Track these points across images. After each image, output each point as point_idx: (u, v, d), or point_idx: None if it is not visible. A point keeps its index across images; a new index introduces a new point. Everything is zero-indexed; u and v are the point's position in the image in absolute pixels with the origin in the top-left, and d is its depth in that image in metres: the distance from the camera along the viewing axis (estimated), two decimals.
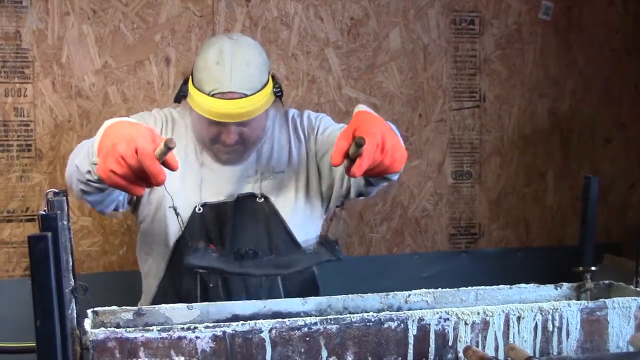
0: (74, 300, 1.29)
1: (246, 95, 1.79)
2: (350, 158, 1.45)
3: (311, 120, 2.00)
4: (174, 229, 1.88)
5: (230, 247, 1.86)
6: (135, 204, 1.92)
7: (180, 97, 1.87)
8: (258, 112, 1.82)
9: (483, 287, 1.60)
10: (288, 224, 1.93)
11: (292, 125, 2.00)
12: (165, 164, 1.38)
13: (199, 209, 1.88)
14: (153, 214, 1.91)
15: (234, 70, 1.79)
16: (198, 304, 1.47)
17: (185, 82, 1.87)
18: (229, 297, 1.83)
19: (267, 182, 1.93)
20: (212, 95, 1.78)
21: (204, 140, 1.88)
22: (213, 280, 1.86)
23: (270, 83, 1.87)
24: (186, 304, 1.46)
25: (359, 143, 1.40)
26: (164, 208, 1.88)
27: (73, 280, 1.31)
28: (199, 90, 1.80)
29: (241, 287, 1.87)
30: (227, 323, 1.28)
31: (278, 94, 1.88)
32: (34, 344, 1.17)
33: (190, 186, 1.90)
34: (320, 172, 1.96)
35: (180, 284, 1.89)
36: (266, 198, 1.91)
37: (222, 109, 1.77)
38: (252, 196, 1.91)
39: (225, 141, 1.84)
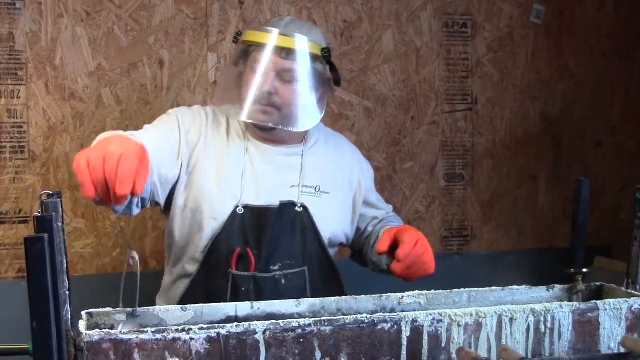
0: (68, 301, 1.30)
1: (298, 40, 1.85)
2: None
3: (366, 167, 2.11)
4: (211, 228, 1.85)
5: (267, 254, 1.85)
6: (168, 201, 1.87)
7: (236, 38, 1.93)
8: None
9: (476, 289, 1.61)
10: (323, 238, 1.92)
11: (346, 151, 2.06)
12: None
13: (240, 210, 1.85)
14: (188, 213, 1.86)
15: (288, 24, 1.88)
16: (192, 305, 1.47)
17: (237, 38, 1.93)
18: (259, 299, 1.81)
19: (307, 197, 1.91)
20: (266, 31, 1.85)
21: (244, 98, 1.84)
22: (246, 284, 1.84)
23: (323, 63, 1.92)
24: (180, 306, 1.47)
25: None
26: (201, 209, 1.85)
27: (67, 282, 1.31)
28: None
29: (273, 290, 1.84)
30: (221, 325, 1.29)
31: (331, 67, 1.92)
32: (27, 346, 1.18)
33: (231, 180, 1.86)
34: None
35: (212, 285, 1.85)
36: (305, 208, 1.90)
37: (274, 39, 1.82)
38: (292, 204, 1.89)
39: (263, 88, 1.82)
